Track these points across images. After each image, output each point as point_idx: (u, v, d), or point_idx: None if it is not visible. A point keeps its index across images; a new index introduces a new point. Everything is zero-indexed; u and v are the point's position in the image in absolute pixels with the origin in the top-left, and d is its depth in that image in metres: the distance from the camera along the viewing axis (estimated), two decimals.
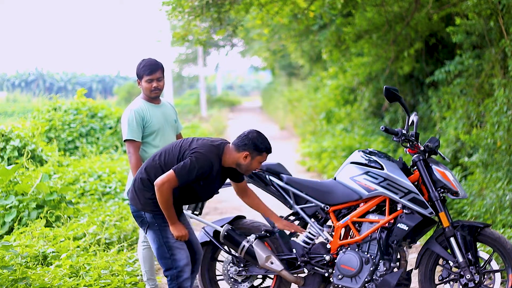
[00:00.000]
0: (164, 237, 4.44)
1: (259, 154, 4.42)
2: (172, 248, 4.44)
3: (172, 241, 4.44)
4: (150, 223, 4.45)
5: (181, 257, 4.46)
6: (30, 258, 5.97)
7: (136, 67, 5.19)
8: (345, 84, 15.57)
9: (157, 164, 4.44)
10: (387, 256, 4.59)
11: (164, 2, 8.83)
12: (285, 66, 27.29)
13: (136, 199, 4.48)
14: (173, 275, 4.46)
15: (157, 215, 4.43)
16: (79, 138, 12.58)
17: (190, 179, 4.31)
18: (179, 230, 4.44)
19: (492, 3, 7.29)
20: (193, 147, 4.38)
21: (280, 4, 9.34)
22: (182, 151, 4.41)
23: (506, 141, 6.90)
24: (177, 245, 4.46)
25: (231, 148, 4.43)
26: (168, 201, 4.32)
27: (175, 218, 4.41)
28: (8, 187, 7.50)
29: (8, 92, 31.75)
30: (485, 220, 6.57)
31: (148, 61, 5.16)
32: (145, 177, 4.44)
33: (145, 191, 4.43)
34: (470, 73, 8.77)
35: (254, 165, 4.44)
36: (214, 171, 4.37)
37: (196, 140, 4.46)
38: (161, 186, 4.28)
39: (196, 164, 4.29)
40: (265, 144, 4.43)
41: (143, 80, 5.17)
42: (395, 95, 4.66)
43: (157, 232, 4.45)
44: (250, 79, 69.42)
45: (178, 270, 4.45)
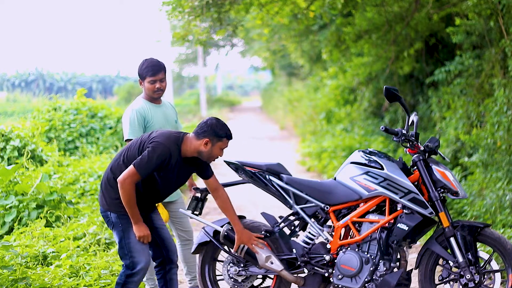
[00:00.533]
0: (126, 238, 4.45)
1: (220, 140, 4.43)
2: (132, 251, 4.45)
3: (133, 243, 4.45)
4: (115, 223, 4.47)
5: (140, 260, 4.47)
6: (30, 258, 5.97)
7: (138, 67, 5.17)
8: (345, 84, 15.58)
9: (120, 162, 4.44)
10: (387, 256, 4.59)
11: (164, 2, 8.83)
12: (285, 66, 27.31)
13: (103, 199, 4.50)
14: (126, 272, 4.49)
15: (122, 216, 4.44)
16: (79, 138, 12.58)
17: (150, 170, 4.31)
18: (141, 230, 4.42)
19: (492, 3, 7.29)
20: (151, 138, 4.40)
21: (280, 4, 9.34)
22: (142, 144, 4.41)
23: (506, 141, 6.90)
24: (138, 247, 4.46)
25: (191, 137, 4.44)
26: (130, 197, 4.31)
27: (138, 217, 4.40)
28: (8, 187, 7.50)
29: (8, 92, 31.76)
30: (485, 220, 6.57)
31: (151, 62, 5.14)
32: (110, 177, 4.45)
33: (111, 191, 4.44)
34: (470, 73, 8.77)
35: (216, 151, 4.44)
36: (172, 160, 4.36)
37: (155, 131, 4.48)
38: (123, 183, 4.29)
39: (154, 153, 4.30)
40: (224, 130, 4.44)
41: (146, 81, 5.15)
42: (395, 95, 4.66)
43: (121, 233, 4.46)
44: (250, 79, 69.44)
45: (134, 272, 4.48)
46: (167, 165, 4.36)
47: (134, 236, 4.45)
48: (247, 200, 9.87)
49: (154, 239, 4.62)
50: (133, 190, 4.31)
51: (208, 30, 9.56)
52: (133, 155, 4.41)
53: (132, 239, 4.45)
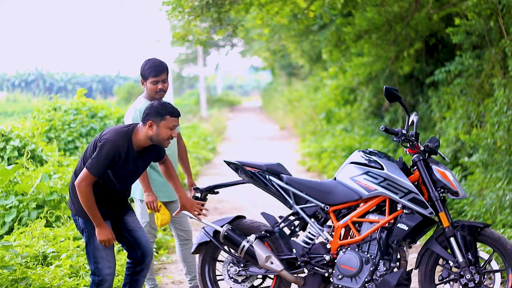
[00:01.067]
0: (91, 244, 4.46)
1: (163, 119, 4.35)
2: (96, 257, 4.46)
3: (98, 250, 4.45)
4: (82, 228, 4.48)
5: (104, 267, 4.47)
6: (30, 258, 5.97)
7: (141, 67, 5.16)
8: (345, 84, 15.58)
9: (81, 165, 4.43)
10: (387, 256, 4.59)
11: (164, 2, 8.83)
12: (285, 66, 27.31)
13: (71, 204, 4.51)
14: (95, 281, 4.50)
15: (88, 221, 4.43)
16: (79, 138, 12.57)
17: (102, 169, 4.29)
18: (104, 234, 4.40)
19: (492, 3, 7.29)
20: (101, 136, 4.38)
21: (280, 4, 9.34)
22: (95, 144, 4.40)
23: (506, 141, 6.90)
24: (103, 254, 4.46)
25: (140, 126, 4.42)
26: (88, 200, 4.30)
27: (99, 220, 4.38)
28: (8, 187, 7.50)
29: (8, 92, 31.76)
30: (485, 220, 6.57)
31: (154, 62, 5.12)
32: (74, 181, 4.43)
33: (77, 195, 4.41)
34: (470, 73, 8.77)
35: (163, 132, 4.36)
36: (122, 155, 4.33)
37: (107, 129, 4.47)
38: (79, 186, 4.29)
39: (102, 151, 4.28)
40: (165, 108, 4.37)
41: (148, 81, 5.13)
42: (395, 95, 4.66)
43: (86, 239, 4.47)
44: (250, 79, 69.43)
45: (99, 279, 4.48)
46: (118, 160, 4.34)
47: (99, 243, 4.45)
48: (247, 200, 9.88)
49: (129, 241, 4.63)
50: (90, 193, 4.30)
51: (208, 30, 9.56)
52: (89, 157, 4.39)
53: (96, 245, 4.45)
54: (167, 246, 7.32)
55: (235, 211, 8.79)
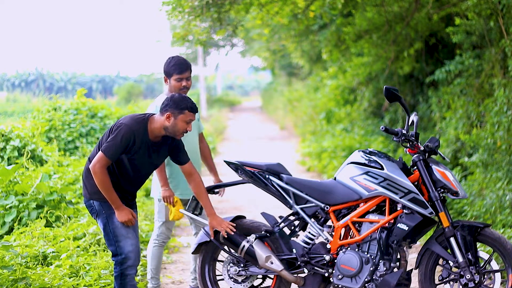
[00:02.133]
0: (110, 224, 4.48)
1: (182, 113, 4.43)
2: (117, 235, 4.48)
3: (118, 228, 4.47)
4: (98, 211, 4.51)
5: (125, 244, 4.48)
6: (30, 258, 5.97)
7: (165, 65, 5.23)
8: (345, 84, 15.57)
9: (96, 151, 4.49)
10: (387, 256, 4.59)
11: (164, 2, 8.83)
12: (285, 66, 27.31)
13: (85, 189, 4.55)
14: (118, 261, 4.50)
15: (104, 203, 4.48)
16: (79, 138, 12.58)
17: (117, 152, 4.35)
18: (124, 214, 4.46)
19: (492, 3, 7.29)
20: (118, 121, 4.46)
21: (280, 4, 9.34)
22: (111, 130, 4.46)
23: (506, 141, 6.90)
24: (123, 232, 4.48)
25: (156, 116, 4.48)
26: (104, 182, 4.36)
27: (118, 202, 4.44)
28: (8, 187, 7.50)
29: (8, 92, 31.76)
30: (485, 220, 6.57)
31: (178, 60, 5.21)
32: (88, 166, 4.49)
33: (91, 179, 4.47)
34: (470, 73, 8.77)
35: (180, 124, 4.44)
36: (138, 141, 4.39)
37: (123, 116, 4.54)
38: (94, 168, 4.35)
39: (118, 134, 4.34)
40: (185, 102, 4.45)
41: (172, 78, 5.20)
42: (395, 95, 4.66)
43: (104, 220, 4.50)
44: (250, 79, 69.42)
45: (122, 257, 4.49)
46: (133, 145, 4.39)
47: (118, 221, 4.47)
48: (247, 200, 9.88)
49: None
50: (105, 174, 4.36)
51: (208, 30, 9.56)
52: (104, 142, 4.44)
53: (116, 224, 4.48)
54: (167, 246, 7.32)
55: (235, 211, 8.79)
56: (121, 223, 4.48)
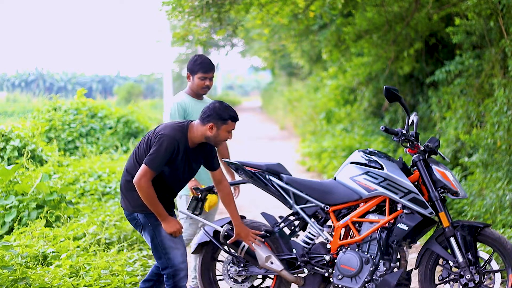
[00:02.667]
0: (158, 236, 4.42)
1: (224, 123, 4.40)
2: (166, 248, 4.42)
3: (166, 240, 4.41)
4: (144, 223, 4.43)
5: (175, 256, 4.42)
6: (30, 258, 5.97)
7: (191, 62, 5.29)
8: (345, 84, 15.57)
9: (133, 162, 4.44)
10: (387, 256, 4.59)
11: (164, 2, 8.83)
12: (285, 66, 27.29)
13: (126, 202, 4.46)
14: (170, 274, 4.44)
15: (149, 215, 4.41)
16: (79, 138, 12.59)
17: (161, 164, 4.29)
18: (172, 225, 4.40)
19: (492, 3, 7.29)
20: (156, 132, 4.38)
21: (280, 4, 9.34)
22: (149, 140, 4.40)
23: (506, 141, 6.90)
24: (172, 243, 4.42)
25: (197, 124, 4.43)
26: (150, 196, 4.29)
27: (164, 214, 4.38)
28: (8, 187, 7.50)
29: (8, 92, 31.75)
30: (485, 220, 6.57)
31: (205, 59, 5.29)
32: (129, 178, 4.43)
33: (133, 191, 4.40)
34: (470, 73, 8.77)
35: (222, 134, 4.42)
36: (181, 150, 4.35)
37: (160, 125, 4.48)
38: (139, 182, 4.27)
39: (161, 146, 4.28)
40: (228, 112, 4.41)
41: (196, 76, 5.28)
42: (395, 95, 4.66)
43: (151, 232, 4.42)
44: (250, 79, 69.40)
45: (174, 269, 4.43)
46: (177, 155, 4.34)
47: (165, 232, 4.41)
48: (247, 200, 9.87)
49: None
50: (151, 188, 4.28)
51: (208, 30, 9.56)
52: (142, 153, 4.39)
53: (164, 235, 4.41)
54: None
55: None
56: (168, 235, 4.41)
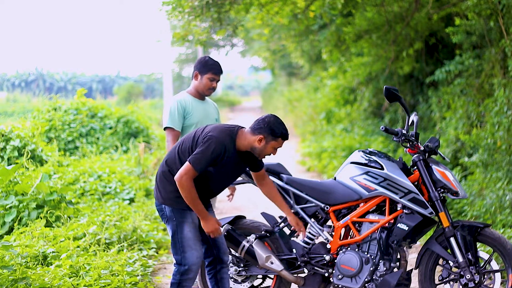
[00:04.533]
0: (179, 233, 4.41)
1: (274, 139, 4.37)
2: (184, 246, 4.41)
3: (186, 239, 4.41)
4: (169, 217, 4.43)
5: (191, 256, 4.42)
6: (30, 258, 5.97)
7: (202, 63, 5.29)
8: (345, 84, 15.58)
9: (175, 155, 4.42)
10: (387, 256, 4.59)
11: (164, 2, 8.83)
12: (285, 66, 27.29)
13: (158, 193, 4.46)
14: (180, 270, 4.45)
15: (176, 210, 4.40)
16: (79, 138, 12.59)
17: (205, 165, 4.26)
18: (211, 224, 4.38)
19: (492, 3, 7.29)
20: (206, 132, 4.35)
21: (280, 4, 9.34)
22: (196, 138, 4.38)
23: (506, 141, 6.90)
24: (191, 243, 4.42)
25: (247, 132, 4.39)
26: (191, 193, 4.27)
27: (204, 212, 4.36)
28: (8, 187, 7.50)
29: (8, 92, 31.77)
30: (485, 220, 6.57)
31: (216, 62, 5.31)
32: (166, 170, 4.42)
33: (166, 184, 4.40)
34: (470, 73, 8.77)
35: (268, 150, 4.40)
36: (227, 154, 4.31)
37: (210, 126, 4.44)
38: (180, 180, 4.25)
39: (209, 148, 4.25)
40: (281, 129, 4.37)
41: (205, 76, 5.27)
42: (395, 95, 4.66)
43: (174, 227, 4.42)
44: (250, 79, 69.40)
45: (185, 268, 4.44)
46: (222, 159, 4.32)
47: (188, 231, 4.41)
48: (247, 200, 9.87)
49: (206, 238, 4.57)
50: (192, 186, 4.26)
51: (208, 30, 9.56)
52: (186, 149, 4.37)
53: (185, 234, 4.41)
54: (167, 246, 7.32)
55: (235, 211, 8.79)
56: (189, 233, 4.41)
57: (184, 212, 4.41)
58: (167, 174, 4.41)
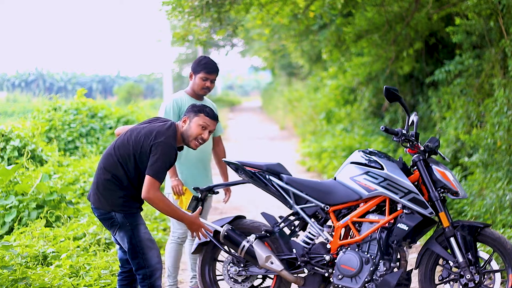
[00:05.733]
0: (136, 236, 4.35)
1: (196, 115, 4.37)
2: (144, 248, 4.37)
3: (144, 241, 4.37)
4: (122, 223, 4.34)
5: (152, 256, 4.39)
6: (30, 258, 5.97)
7: (196, 62, 5.28)
8: (345, 84, 15.58)
9: (113, 159, 4.33)
10: (387, 256, 4.59)
11: (164, 2, 8.83)
12: (285, 66, 27.30)
13: (103, 201, 4.34)
14: (146, 274, 4.39)
15: (129, 214, 4.34)
16: (79, 138, 12.59)
17: (166, 172, 4.27)
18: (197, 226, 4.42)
19: (492, 3, 7.29)
20: (153, 140, 4.26)
21: (280, 4, 9.34)
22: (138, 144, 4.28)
23: (506, 141, 6.90)
24: (149, 244, 4.39)
25: (179, 125, 4.41)
26: (167, 204, 4.25)
27: (186, 216, 4.37)
28: (8, 187, 7.50)
29: (8, 92, 31.78)
30: (485, 220, 6.57)
31: (210, 61, 5.27)
32: (109, 177, 4.32)
33: (113, 191, 4.31)
34: (470, 73, 8.77)
35: (194, 129, 4.36)
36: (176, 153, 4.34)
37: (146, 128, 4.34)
38: (148, 196, 4.21)
39: (166, 156, 4.23)
40: (202, 106, 4.41)
41: (198, 76, 5.25)
42: (395, 95, 4.66)
43: (129, 232, 4.35)
44: (250, 79, 69.43)
45: (150, 270, 4.39)
46: (174, 161, 4.34)
47: (144, 232, 4.38)
48: (247, 200, 9.87)
49: None
50: (163, 196, 4.24)
51: (208, 30, 9.56)
52: (129, 155, 4.30)
53: (142, 236, 4.37)
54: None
55: (235, 211, 8.79)
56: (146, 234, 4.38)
57: (136, 215, 4.38)
58: (111, 180, 4.31)
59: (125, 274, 4.59)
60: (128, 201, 4.33)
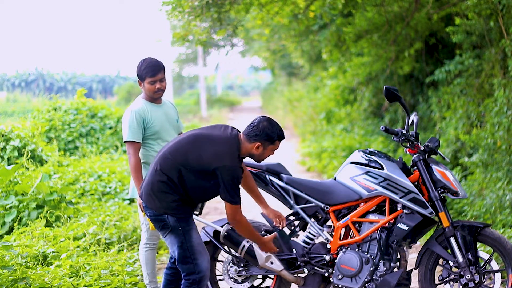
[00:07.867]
0: (188, 241, 4.35)
1: (272, 144, 4.40)
2: (195, 253, 4.36)
3: (195, 245, 4.36)
4: (174, 227, 4.33)
5: (203, 261, 4.39)
6: (30, 258, 5.97)
7: (137, 68, 5.09)
8: (345, 84, 15.57)
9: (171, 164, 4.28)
10: (387, 256, 4.59)
11: (164, 2, 8.82)
12: (285, 66, 27.29)
13: (157, 203, 4.31)
14: (195, 279, 4.37)
15: (181, 219, 4.33)
16: (79, 138, 12.58)
17: (239, 189, 4.33)
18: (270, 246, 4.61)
19: (492, 3, 7.29)
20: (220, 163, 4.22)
21: (280, 4, 9.34)
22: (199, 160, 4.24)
23: (506, 141, 6.90)
24: (200, 248, 4.39)
25: (243, 139, 4.37)
26: (247, 228, 4.43)
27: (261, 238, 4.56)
28: (8, 187, 7.50)
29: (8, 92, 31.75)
30: (485, 220, 6.57)
31: (150, 62, 5.06)
32: (164, 179, 4.28)
33: (167, 194, 4.29)
34: (470, 73, 8.77)
35: (267, 153, 4.44)
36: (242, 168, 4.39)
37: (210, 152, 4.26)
38: (235, 221, 4.35)
39: (237, 179, 4.27)
40: (276, 132, 4.37)
41: (145, 82, 5.08)
42: (395, 95, 4.66)
43: (181, 236, 4.34)
44: (250, 79, 69.39)
45: (200, 275, 4.37)
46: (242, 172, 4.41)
47: (196, 237, 4.38)
48: (247, 200, 9.86)
49: None
50: (247, 221, 4.40)
51: (208, 30, 9.55)
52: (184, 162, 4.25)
53: (194, 240, 4.36)
54: (165, 247, 7.32)
55: None
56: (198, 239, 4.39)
57: (189, 219, 4.39)
58: (167, 183, 4.29)
59: (174, 271, 4.61)
60: (182, 205, 4.33)
